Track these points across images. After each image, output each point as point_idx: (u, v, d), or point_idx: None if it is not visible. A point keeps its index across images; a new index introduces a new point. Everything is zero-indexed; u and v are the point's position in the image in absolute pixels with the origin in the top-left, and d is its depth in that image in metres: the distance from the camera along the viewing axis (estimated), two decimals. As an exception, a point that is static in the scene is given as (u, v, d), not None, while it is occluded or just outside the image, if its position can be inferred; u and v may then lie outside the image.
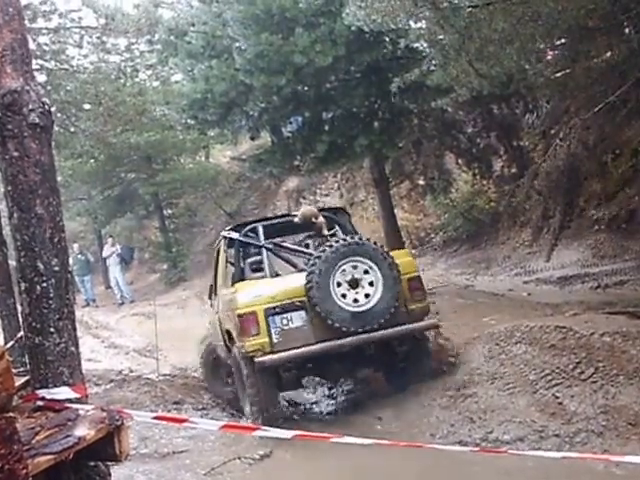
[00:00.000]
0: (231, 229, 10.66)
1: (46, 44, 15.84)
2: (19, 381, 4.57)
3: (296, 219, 10.64)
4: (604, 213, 17.41)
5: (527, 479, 7.12)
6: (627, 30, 13.29)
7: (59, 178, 27.09)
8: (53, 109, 15.61)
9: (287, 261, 10.30)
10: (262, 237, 10.35)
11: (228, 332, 9.89)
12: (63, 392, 4.38)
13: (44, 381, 4.47)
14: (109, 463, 4.61)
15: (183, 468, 7.39)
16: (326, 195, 28.42)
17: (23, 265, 4.51)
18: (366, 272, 9.20)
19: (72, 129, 16.38)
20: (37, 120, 4.55)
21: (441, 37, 12.39)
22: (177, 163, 29.87)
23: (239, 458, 7.58)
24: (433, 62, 13.48)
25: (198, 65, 16.40)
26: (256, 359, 8.90)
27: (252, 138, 19.32)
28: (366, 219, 25.24)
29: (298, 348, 9.02)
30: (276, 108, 16.36)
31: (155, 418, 5.10)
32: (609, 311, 11.96)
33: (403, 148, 18.18)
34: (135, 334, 14.90)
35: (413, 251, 22.33)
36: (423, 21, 12.90)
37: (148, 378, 12.82)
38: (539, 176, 15.83)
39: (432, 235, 23.64)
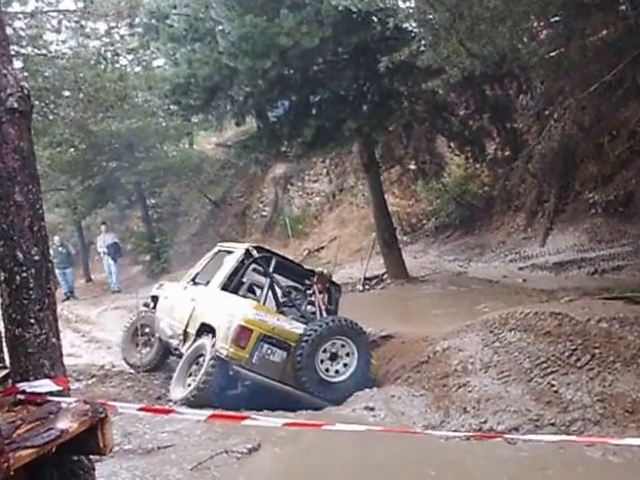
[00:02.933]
0: (254, 247, 11.74)
1: (22, 29, 15.34)
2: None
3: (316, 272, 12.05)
4: (601, 196, 17.48)
5: (523, 468, 7.05)
6: (624, 7, 12.94)
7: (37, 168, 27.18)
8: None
9: (274, 297, 11.25)
10: (271, 268, 11.34)
11: (205, 324, 10.84)
12: (44, 385, 4.27)
13: (25, 374, 4.35)
14: (93, 457, 4.54)
15: (169, 463, 7.13)
16: (315, 181, 28.29)
17: (2, 254, 4.33)
18: (343, 346, 10.43)
19: (51, 117, 15.91)
20: (15, 105, 4.32)
21: (431, 16, 12.08)
22: (160, 151, 29.27)
23: (226, 452, 7.39)
24: (423, 42, 13.16)
25: (180, 49, 16.09)
26: (235, 366, 10.02)
27: (237, 124, 18.91)
28: (356, 206, 25.15)
29: (266, 377, 10.17)
30: (262, 92, 16.06)
31: (140, 410, 4.94)
32: (606, 297, 12.02)
33: (393, 132, 17.89)
34: (117, 328, 14.65)
35: (405, 238, 22.18)
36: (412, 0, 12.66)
37: (131, 373, 12.89)
38: (533, 158, 15.60)
39: (424, 221, 23.52)
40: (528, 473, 6.94)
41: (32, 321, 4.30)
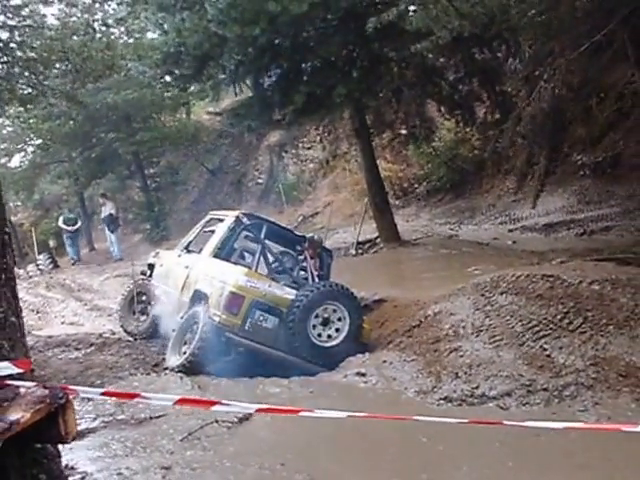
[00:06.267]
0: (244, 214, 11.68)
1: (7, -1, 15.12)
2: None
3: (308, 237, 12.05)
4: (589, 158, 17.49)
5: (515, 434, 6.92)
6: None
7: (39, 141, 27.07)
8: (17, 69, 15.11)
9: (266, 263, 11.28)
10: (263, 234, 11.36)
11: (198, 292, 10.85)
12: (3, 367, 3.87)
13: None
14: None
15: (160, 434, 7.12)
16: (308, 148, 28.32)
17: None
18: (335, 311, 10.43)
19: (40, 87, 15.70)
20: None
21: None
22: (157, 121, 29.47)
23: (217, 421, 7.39)
24: (412, 4, 13.08)
25: (170, 18, 15.92)
26: (227, 333, 10.06)
27: (236, 94, 18.80)
28: (349, 171, 25.15)
29: (258, 343, 10.20)
30: (252, 60, 15.98)
31: (103, 394, 4.69)
32: (597, 258, 11.94)
33: (383, 97, 17.81)
34: (118, 295, 14.64)
35: (397, 202, 22.20)
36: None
37: (129, 341, 12.80)
38: (523, 120, 15.54)
39: (416, 185, 23.53)
40: (520, 439, 6.88)
41: (-13, 299, 3.89)
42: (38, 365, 10.56)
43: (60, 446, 6.42)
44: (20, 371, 3.94)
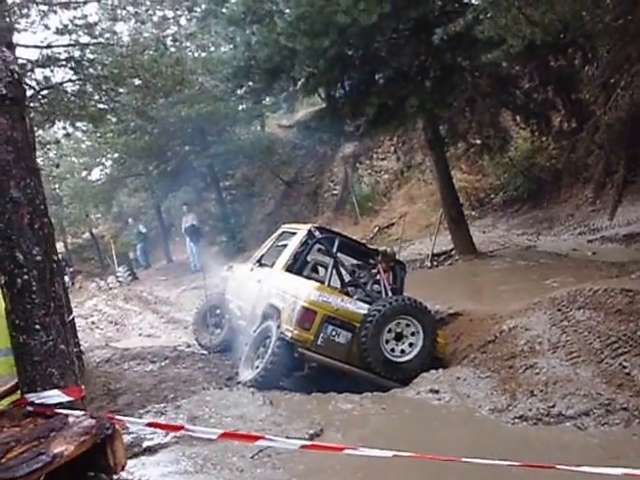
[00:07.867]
0: (316, 227, 11.83)
1: (76, 17, 15.32)
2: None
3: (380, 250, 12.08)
4: None
5: (593, 457, 6.69)
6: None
7: (115, 155, 27.77)
8: (89, 86, 15.32)
9: (339, 277, 11.40)
10: (335, 248, 11.42)
11: (271, 306, 10.90)
12: (53, 395, 3.96)
13: (32, 384, 4.04)
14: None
15: (230, 451, 7.07)
16: (383, 159, 28.28)
17: (1, 256, 4.02)
18: (408, 325, 10.39)
19: (111, 104, 15.94)
20: (4, 91, 4.07)
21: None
22: (231, 134, 29.83)
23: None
24: (481, 12, 12.87)
25: (240, 32, 16.04)
26: (300, 348, 10.10)
27: (312, 104, 18.91)
28: (424, 182, 25.03)
29: (331, 358, 10.24)
30: (322, 72, 15.91)
31: (148, 425, 4.63)
32: None
33: (456, 107, 17.57)
34: (194, 308, 14.88)
35: (473, 213, 22.02)
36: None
37: (203, 354, 13.13)
38: (600, 129, 15.20)
39: (492, 195, 23.36)
40: (598, 462, 6.60)
41: (37, 327, 4.04)
42: (114, 378, 10.87)
43: (133, 461, 6.58)
44: (70, 399, 4.02)
